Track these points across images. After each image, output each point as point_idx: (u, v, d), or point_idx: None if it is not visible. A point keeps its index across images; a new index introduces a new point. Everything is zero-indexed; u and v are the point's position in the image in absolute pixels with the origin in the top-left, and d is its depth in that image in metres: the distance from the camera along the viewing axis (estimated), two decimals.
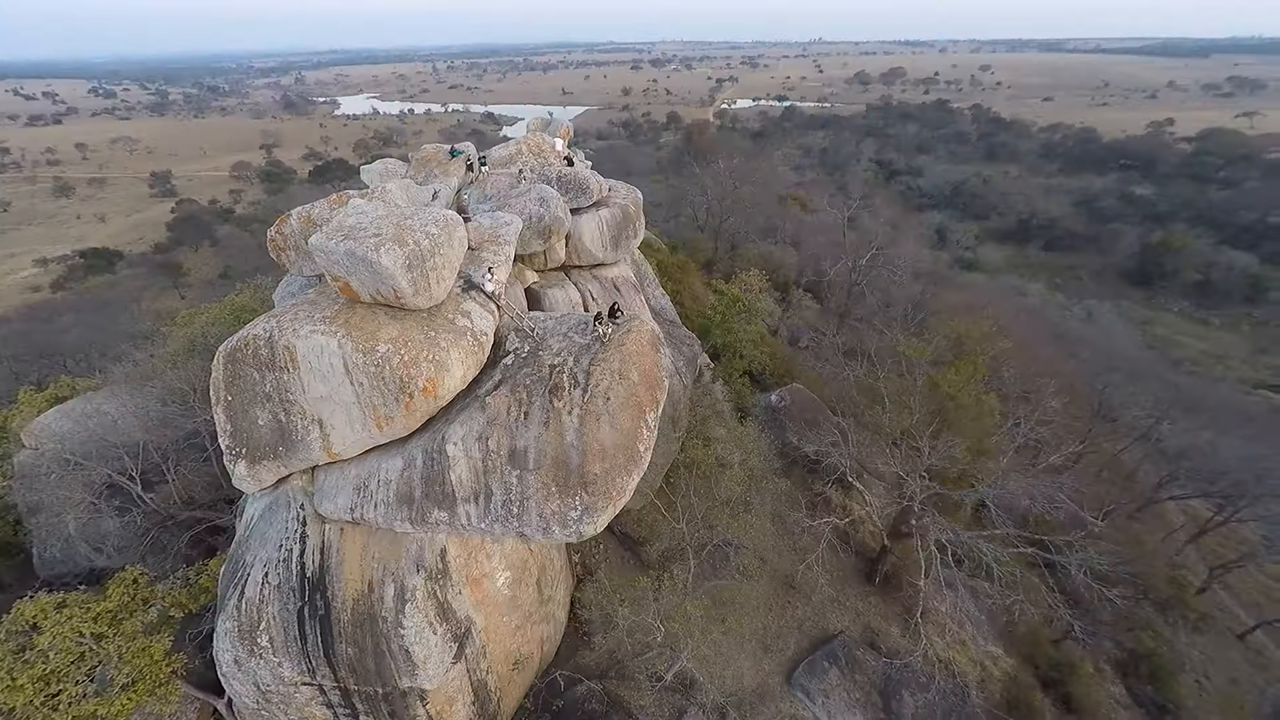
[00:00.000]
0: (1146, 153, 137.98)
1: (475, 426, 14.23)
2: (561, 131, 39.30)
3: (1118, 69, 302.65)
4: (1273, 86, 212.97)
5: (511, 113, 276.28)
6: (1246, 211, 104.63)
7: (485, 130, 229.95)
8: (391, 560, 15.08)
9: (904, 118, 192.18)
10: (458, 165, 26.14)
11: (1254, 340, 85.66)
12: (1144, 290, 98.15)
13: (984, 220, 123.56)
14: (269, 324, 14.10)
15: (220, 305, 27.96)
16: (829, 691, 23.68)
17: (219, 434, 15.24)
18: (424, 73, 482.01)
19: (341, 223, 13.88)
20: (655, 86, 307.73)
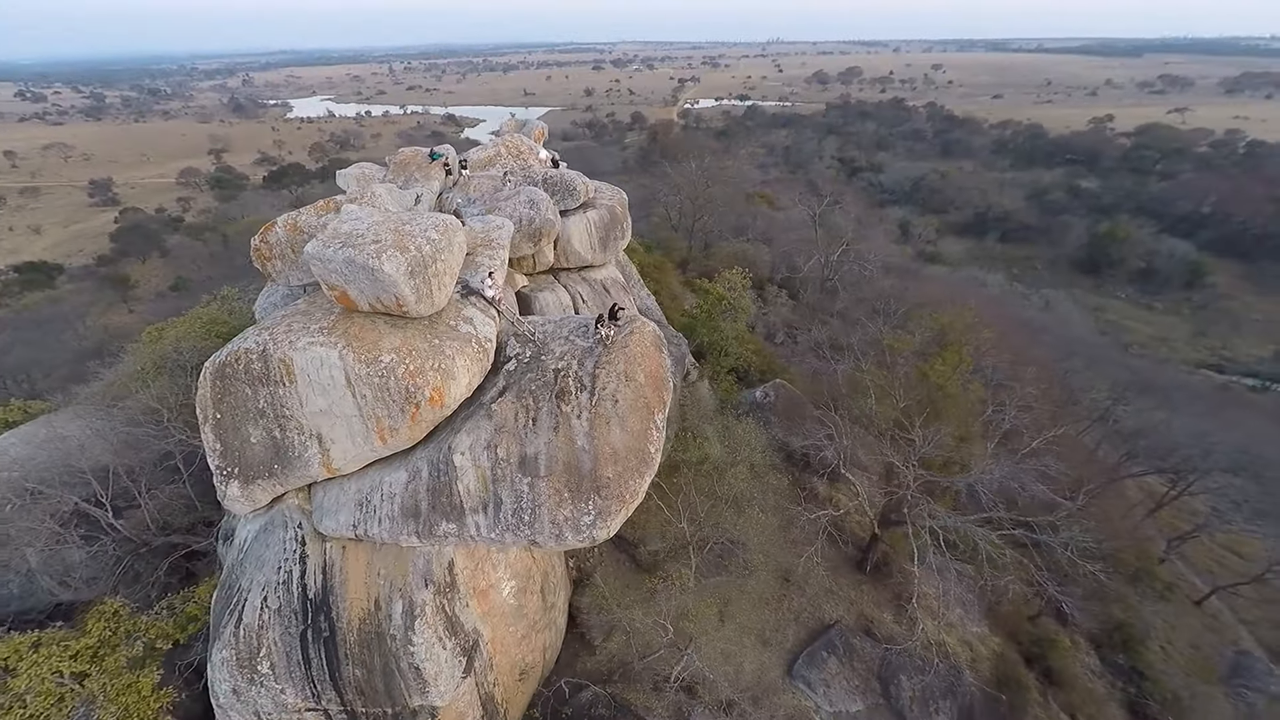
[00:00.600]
0: (1090, 148, 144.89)
1: (483, 435, 13.93)
2: (536, 134, 38.91)
3: (1060, 68, 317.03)
4: (1200, 84, 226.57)
5: (473, 114, 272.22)
6: (1183, 202, 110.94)
7: (446, 132, 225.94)
8: (398, 576, 14.64)
9: (863, 116, 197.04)
10: (438, 168, 25.57)
11: (1194, 323, 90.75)
12: (1093, 278, 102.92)
13: (943, 214, 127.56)
14: (261, 336, 13.50)
15: (188, 319, 26.63)
16: (829, 681, 24.08)
17: (208, 454, 14.52)
18: (380, 74, 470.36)
19: (337, 229, 13.39)
20: (618, 87, 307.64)
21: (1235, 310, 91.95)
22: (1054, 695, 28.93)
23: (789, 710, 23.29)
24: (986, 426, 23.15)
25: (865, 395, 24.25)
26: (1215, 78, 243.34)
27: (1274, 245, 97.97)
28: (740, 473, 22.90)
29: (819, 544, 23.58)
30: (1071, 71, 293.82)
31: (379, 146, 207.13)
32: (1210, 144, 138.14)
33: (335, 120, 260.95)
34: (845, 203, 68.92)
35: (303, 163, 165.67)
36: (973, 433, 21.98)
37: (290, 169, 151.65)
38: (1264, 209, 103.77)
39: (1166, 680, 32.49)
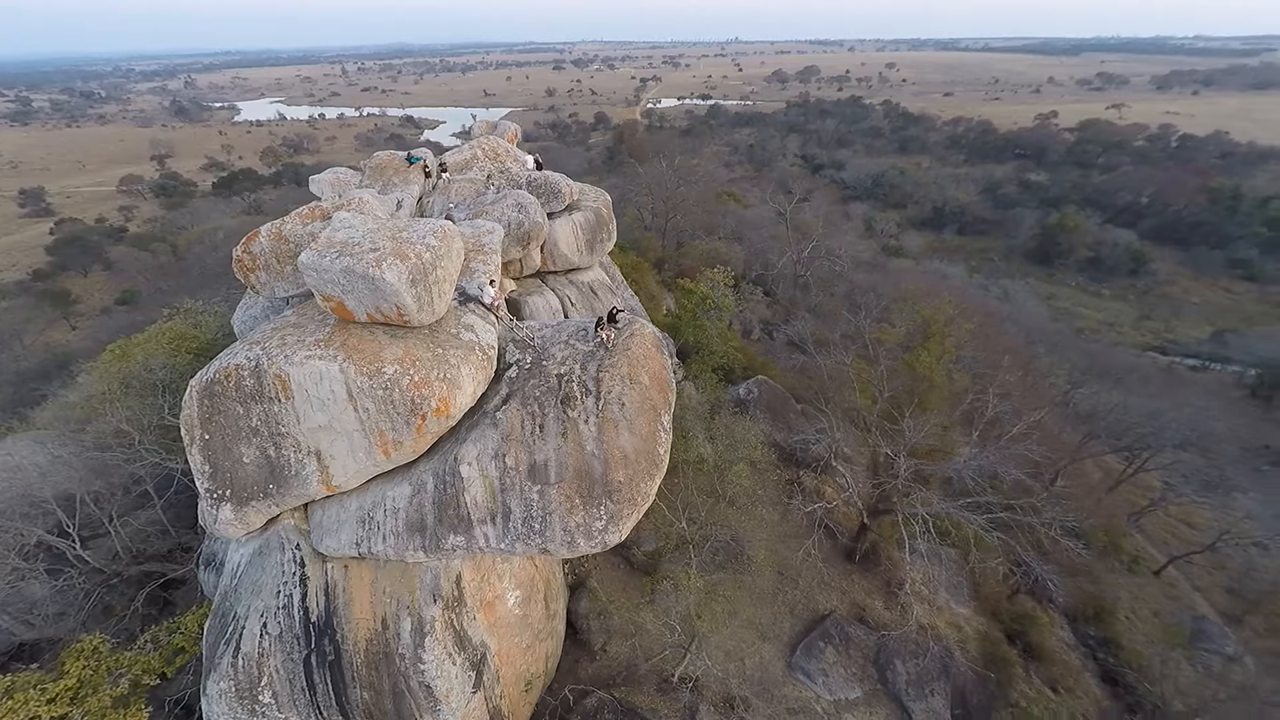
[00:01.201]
0: (1037, 142, 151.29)
1: (490, 444, 13.65)
2: (508, 136, 38.40)
3: (1005, 66, 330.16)
4: (1134, 82, 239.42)
5: (432, 115, 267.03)
6: (1124, 193, 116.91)
7: (405, 134, 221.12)
8: (405, 593, 14.22)
9: (822, 114, 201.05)
10: (416, 172, 24.94)
11: (1138, 308, 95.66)
12: (1045, 268, 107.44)
13: (903, 209, 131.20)
14: (252, 352, 12.91)
15: (152, 335, 25.15)
16: (827, 670, 24.50)
17: (196, 476, 13.81)
18: (332, 74, 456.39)
19: (331, 238, 12.90)
20: (580, 87, 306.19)
21: (1175, 295, 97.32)
22: (1036, 670, 30.07)
23: (791, 702, 23.62)
24: (970, 414, 23.93)
25: (850, 388, 24.72)
26: (1147, 75, 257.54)
27: (1207, 232, 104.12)
28: (742, 470, 23.06)
29: (816, 536, 23.94)
30: (1016, 70, 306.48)
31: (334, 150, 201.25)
32: (1146, 138, 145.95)
33: (287, 123, 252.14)
34: (815, 199, 70.22)
35: (254, 168, 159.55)
36: (954, 420, 22.67)
37: (241, 174, 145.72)
38: (1196, 199, 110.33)
39: (1136, 648, 34.21)
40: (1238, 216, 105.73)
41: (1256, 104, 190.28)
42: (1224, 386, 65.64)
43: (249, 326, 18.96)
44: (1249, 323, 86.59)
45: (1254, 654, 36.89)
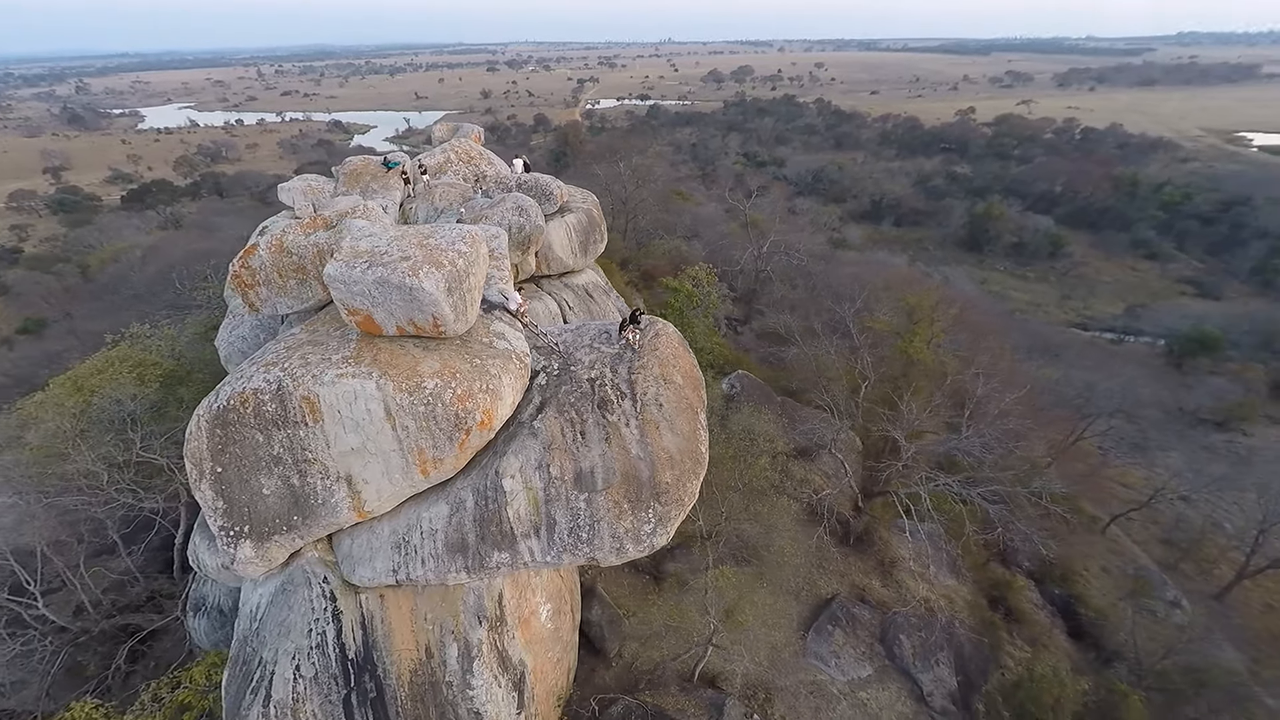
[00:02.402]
0: (959, 137, 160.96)
1: (532, 455, 13.18)
2: (473, 137, 37.35)
3: (924, 65, 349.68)
4: (1038, 79, 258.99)
5: (361, 119, 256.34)
6: (1040, 183, 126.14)
7: (334, 140, 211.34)
8: (449, 618, 13.54)
9: (760, 113, 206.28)
10: (395, 178, 23.83)
11: (1060, 288, 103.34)
12: (976, 254, 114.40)
13: (843, 203, 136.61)
14: (271, 374, 11.94)
15: (105, 365, 22.58)
16: (838, 651, 25.19)
17: (208, 514, 12.65)
18: (247, 78, 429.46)
19: (355, 247, 12.09)
20: (515, 88, 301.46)
21: (1090, 275, 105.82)
22: (1017, 631, 31.95)
23: (808, 686, 24.12)
24: (958, 394, 25.21)
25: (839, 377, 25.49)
26: (1049, 73, 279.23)
27: (1113, 217, 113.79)
28: (764, 464, 23.32)
29: (828, 523, 24.54)
30: (934, 69, 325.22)
31: (257, 158, 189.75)
32: (1054, 131, 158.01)
33: (200, 130, 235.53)
34: (770, 196, 72.03)
35: (169, 179, 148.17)
36: (946, 401, 23.86)
37: (154, 187, 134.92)
38: (1102, 186, 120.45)
39: (1095, 601, 36.95)
40: (1137, 201, 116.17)
41: (1144, 99, 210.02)
42: (1144, 357, 71.74)
43: (239, 349, 17.53)
44: (1154, 297, 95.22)
45: (1189, 596, 40.43)
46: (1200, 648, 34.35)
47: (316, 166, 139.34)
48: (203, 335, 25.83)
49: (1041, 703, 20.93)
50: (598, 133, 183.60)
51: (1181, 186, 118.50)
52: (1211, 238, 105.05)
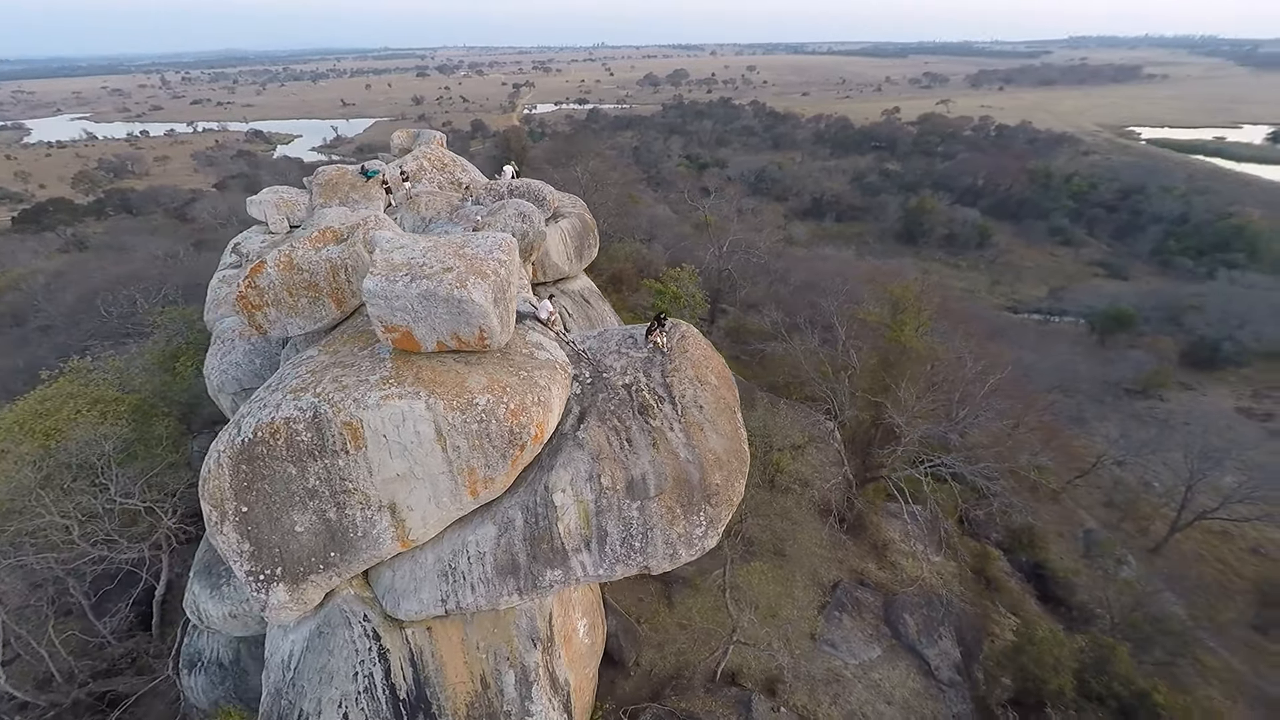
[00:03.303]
0: (888, 135, 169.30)
1: (582, 467, 12.79)
2: (436, 142, 36.13)
3: (849, 67, 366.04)
4: (952, 80, 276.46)
5: (284, 129, 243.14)
6: (964, 177, 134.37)
7: (256, 150, 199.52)
8: (503, 644, 12.92)
9: (699, 115, 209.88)
10: (375, 187, 22.66)
11: (989, 275, 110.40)
12: (913, 246, 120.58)
13: (785, 201, 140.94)
14: (305, 400, 11.03)
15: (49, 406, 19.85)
16: (847, 636, 25.83)
17: (232, 558, 11.54)
18: (149, 85, 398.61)
19: (390, 260, 11.35)
20: (449, 94, 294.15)
21: (1014, 262, 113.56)
22: (998, 599, 33.77)
23: (824, 674, 24.55)
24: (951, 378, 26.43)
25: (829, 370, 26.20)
26: (961, 74, 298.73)
27: (1030, 208, 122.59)
28: (784, 458, 23.53)
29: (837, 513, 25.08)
30: (858, 71, 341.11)
31: (168, 172, 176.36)
32: (972, 129, 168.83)
33: (99, 143, 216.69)
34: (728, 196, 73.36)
35: (67, 196, 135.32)
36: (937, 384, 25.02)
37: (52, 206, 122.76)
38: (1019, 179, 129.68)
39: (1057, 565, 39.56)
40: (1050, 192, 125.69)
41: (1046, 98, 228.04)
42: (1072, 335, 77.53)
43: (232, 376, 16.08)
44: (1072, 280, 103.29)
45: (1133, 553, 43.87)
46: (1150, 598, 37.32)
47: (241, 180, 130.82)
48: (162, 364, 23.53)
49: (1044, 663, 22.16)
50: (539, 138, 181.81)
51: (1087, 177, 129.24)
52: (1116, 223, 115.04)
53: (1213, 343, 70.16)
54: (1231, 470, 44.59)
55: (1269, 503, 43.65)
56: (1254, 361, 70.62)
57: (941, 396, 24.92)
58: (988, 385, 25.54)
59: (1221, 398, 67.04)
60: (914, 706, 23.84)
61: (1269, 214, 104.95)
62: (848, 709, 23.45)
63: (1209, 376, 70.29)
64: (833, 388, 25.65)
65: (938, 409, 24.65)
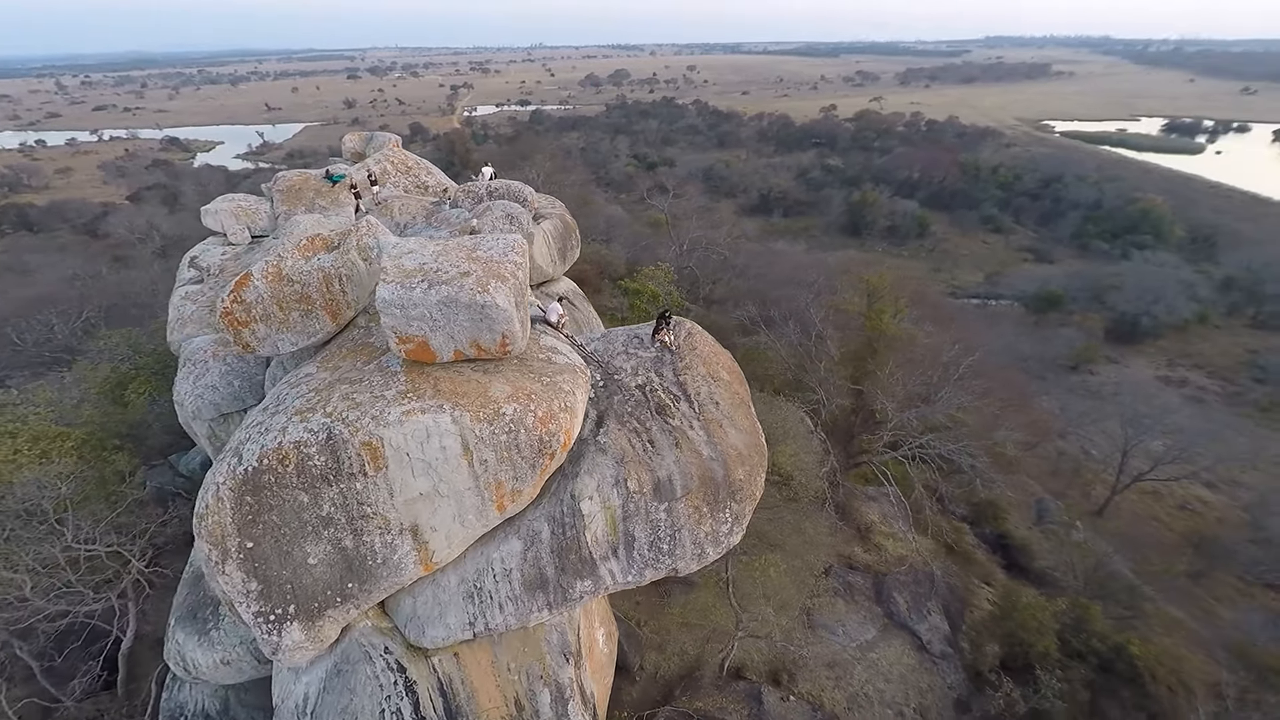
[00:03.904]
0: (827, 132, 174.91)
1: (608, 472, 12.43)
2: (391, 144, 34.70)
3: (785, 66, 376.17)
4: (882, 78, 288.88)
5: (204, 135, 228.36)
6: (901, 171, 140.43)
7: (173, 159, 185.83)
8: (534, 662, 12.39)
9: (643, 115, 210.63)
10: (343, 192, 21.42)
11: (929, 263, 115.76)
12: (858, 238, 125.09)
13: (734, 198, 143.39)
14: (315, 421, 10.20)
15: None
16: (842, 620, 26.43)
17: (237, 600, 10.56)
18: (43, 91, 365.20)
19: (402, 266, 10.64)
20: (383, 96, 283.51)
21: (951, 250, 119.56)
22: (971, 571, 35.38)
23: (825, 658, 25.00)
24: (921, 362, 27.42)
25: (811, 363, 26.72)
26: (890, 73, 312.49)
27: (963, 198, 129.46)
28: (784, 451, 23.67)
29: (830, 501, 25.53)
30: (794, 70, 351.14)
31: (72, 184, 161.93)
32: (904, 124, 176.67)
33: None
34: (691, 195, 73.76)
35: None
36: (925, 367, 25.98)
37: None
38: (951, 171, 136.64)
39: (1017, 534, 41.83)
40: (980, 183, 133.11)
41: (969, 94, 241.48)
42: (1012, 317, 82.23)
43: (209, 400, 14.70)
44: (1004, 265, 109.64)
45: (1080, 517, 46.91)
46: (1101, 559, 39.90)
47: (158, 192, 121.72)
48: (107, 393, 21.26)
49: (1030, 628, 23.31)
50: (482, 140, 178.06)
51: (1011, 168, 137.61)
52: (1039, 211, 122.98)
53: (1132, 318, 75.95)
54: (1158, 435, 48.38)
55: (1192, 463, 47.42)
56: (1167, 334, 76.87)
57: (922, 379, 25.86)
58: (962, 366, 26.69)
59: (1142, 368, 72.65)
60: (912, 681, 24.61)
61: (1169, 198, 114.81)
62: (850, 690, 23.97)
63: (1130, 349, 76.02)
64: (820, 378, 26.17)
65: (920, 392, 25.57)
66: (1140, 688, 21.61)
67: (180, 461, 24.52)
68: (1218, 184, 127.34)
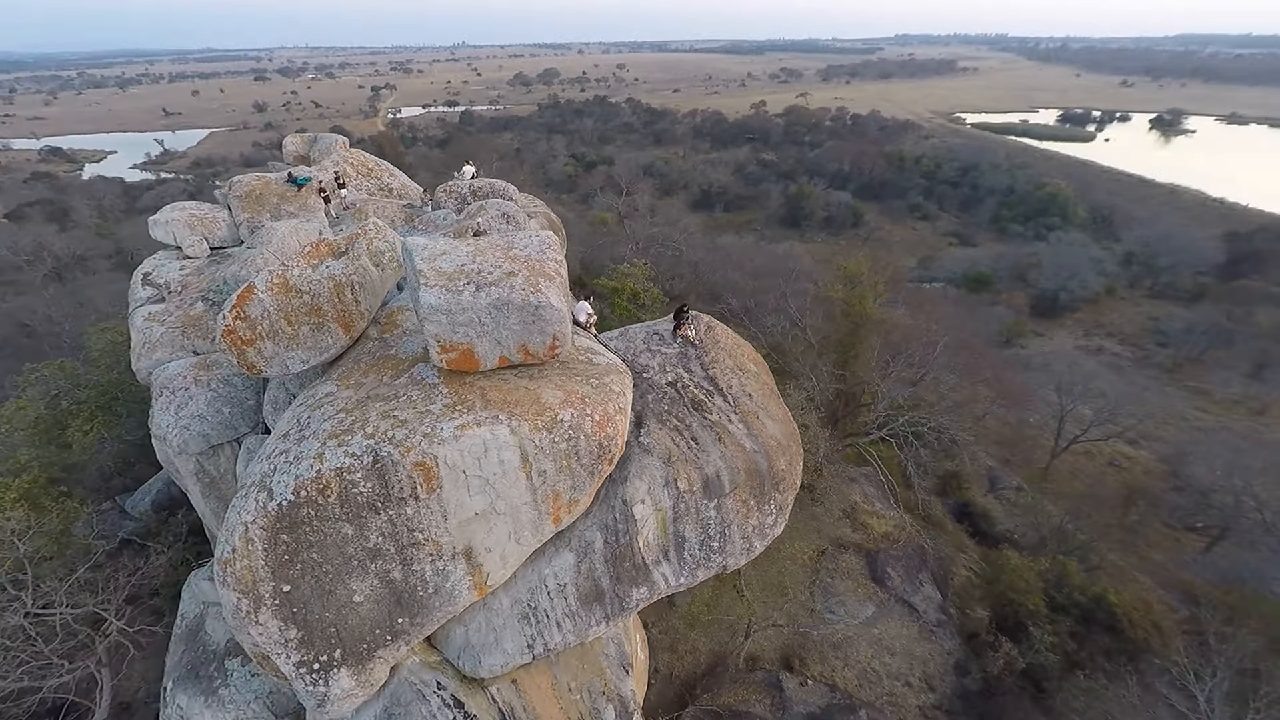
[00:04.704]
0: (760, 128, 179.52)
1: (657, 473, 12.00)
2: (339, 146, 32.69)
3: (713, 64, 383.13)
4: (805, 75, 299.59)
5: (91, 144, 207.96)
6: (832, 163, 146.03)
7: (56, 171, 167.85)
8: (595, 678, 11.80)
9: (577, 114, 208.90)
10: (311, 196, 19.78)
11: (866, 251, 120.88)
12: (797, 230, 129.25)
13: (675, 195, 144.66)
14: (356, 444, 9.21)
15: None
16: (844, 600, 27.07)
17: (274, 651, 9.41)
18: None
19: (440, 269, 9.77)
20: (297, 99, 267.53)
21: (884, 237, 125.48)
22: (947, 540, 37.14)
23: (831, 639, 25.50)
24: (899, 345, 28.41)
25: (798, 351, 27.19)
26: (812, 69, 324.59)
27: (891, 188, 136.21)
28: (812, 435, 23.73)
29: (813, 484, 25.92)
30: (722, 67, 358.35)
31: None
32: (831, 119, 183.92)
33: None
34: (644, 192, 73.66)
35: None
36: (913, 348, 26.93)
37: None
38: (878, 162, 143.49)
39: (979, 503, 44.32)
40: (905, 173, 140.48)
41: (886, 89, 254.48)
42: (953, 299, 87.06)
43: (199, 431, 12.97)
44: (934, 250, 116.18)
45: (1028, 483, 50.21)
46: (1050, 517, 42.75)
47: (42, 207, 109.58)
48: (45, 434, 18.41)
49: (1019, 588, 24.62)
50: (410, 143, 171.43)
51: (932, 158, 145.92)
52: (960, 198, 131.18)
53: (1052, 294, 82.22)
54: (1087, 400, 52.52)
55: (1118, 423, 51.69)
56: (1082, 307, 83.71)
57: (908, 359, 26.82)
58: (939, 344, 27.90)
59: (1064, 340, 78.78)
60: (914, 652, 25.51)
61: (1072, 183, 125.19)
62: (859, 668, 24.56)
63: (1053, 323, 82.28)
64: (811, 364, 26.63)
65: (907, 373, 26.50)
66: (1119, 634, 23.30)
67: (128, 502, 21.97)
68: (1109, 168, 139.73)
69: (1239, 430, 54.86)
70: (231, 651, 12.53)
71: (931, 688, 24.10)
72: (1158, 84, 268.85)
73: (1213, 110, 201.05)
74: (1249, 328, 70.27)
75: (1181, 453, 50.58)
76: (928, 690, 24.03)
